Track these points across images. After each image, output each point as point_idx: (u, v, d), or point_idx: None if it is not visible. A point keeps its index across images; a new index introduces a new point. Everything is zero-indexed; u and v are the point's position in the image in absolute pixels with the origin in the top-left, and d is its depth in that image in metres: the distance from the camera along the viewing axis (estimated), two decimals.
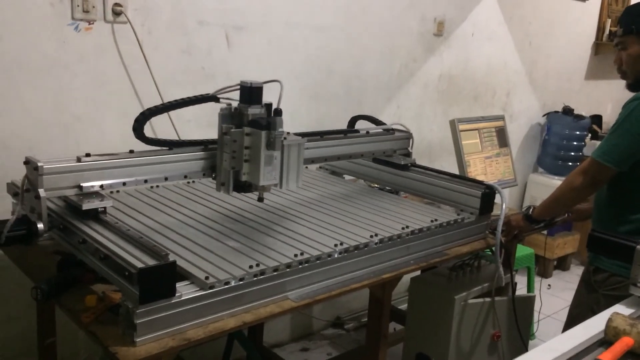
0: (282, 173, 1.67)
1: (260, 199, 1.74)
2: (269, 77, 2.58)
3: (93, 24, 2.09)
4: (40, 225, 1.49)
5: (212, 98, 1.72)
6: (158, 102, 2.25)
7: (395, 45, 3.16)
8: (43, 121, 2.06)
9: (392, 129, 2.37)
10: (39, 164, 1.49)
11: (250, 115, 1.64)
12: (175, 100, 1.73)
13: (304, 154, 1.75)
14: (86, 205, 1.55)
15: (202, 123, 2.41)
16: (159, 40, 2.26)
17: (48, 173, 1.50)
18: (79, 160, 1.57)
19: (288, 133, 1.69)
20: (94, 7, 2.07)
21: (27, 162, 1.53)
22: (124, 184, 1.64)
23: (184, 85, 2.36)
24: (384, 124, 2.41)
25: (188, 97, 1.73)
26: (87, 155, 1.60)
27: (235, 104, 1.68)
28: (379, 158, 2.38)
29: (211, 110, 1.75)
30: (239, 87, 1.67)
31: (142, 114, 1.66)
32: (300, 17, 2.69)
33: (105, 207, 1.61)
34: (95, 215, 1.59)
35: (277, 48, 2.64)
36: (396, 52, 3.18)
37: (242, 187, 1.69)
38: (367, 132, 2.27)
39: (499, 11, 3.73)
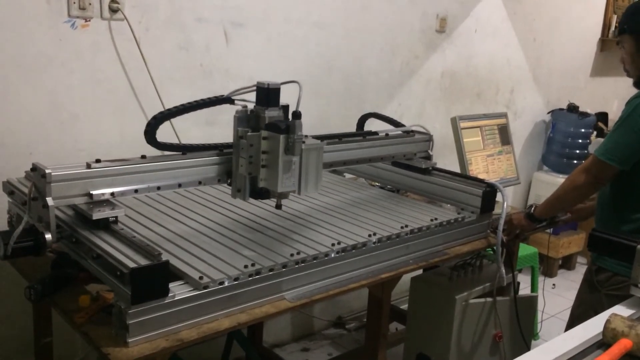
0: (301, 178, 1.58)
1: (278, 207, 1.65)
2: (268, 75, 2.59)
3: (89, 21, 2.07)
4: (48, 236, 1.41)
5: (227, 100, 1.64)
6: (156, 99, 2.25)
7: (397, 42, 3.13)
8: (39, 119, 2.05)
9: (412, 131, 2.30)
10: (47, 171, 1.40)
11: (267, 117, 1.56)
12: (189, 103, 1.65)
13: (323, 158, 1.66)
14: (96, 215, 1.47)
15: (200, 121, 2.39)
16: (157, 37, 2.24)
17: (57, 180, 1.41)
18: (88, 166, 1.48)
19: (306, 136, 1.61)
20: (90, 4, 2.05)
21: (34, 168, 1.45)
22: (136, 191, 1.55)
23: (182, 83, 2.34)
24: (403, 125, 2.33)
25: (202, 100, 1.66)
26: (97, 161, 1.52)
27: (251, 105, 1.60)
28: (399, 161, 2.30)
29: (210, 108, 1.72)
30: (254, 88, 1.59)
31: (153, 118, 1.58)
32: (299, 14, 2.67)
33: (117, 217, 1.53)
34: (106, 225, 1.52)
35: (276, 45, 2.62)
36: (397, 49, 3.15)
37: (259, 193, 1.60)
38: (387, 135, 2.19)
39: (502, 7, 3.70)
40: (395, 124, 2.34)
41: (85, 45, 2.09)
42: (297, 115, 1.54)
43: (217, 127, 2.48)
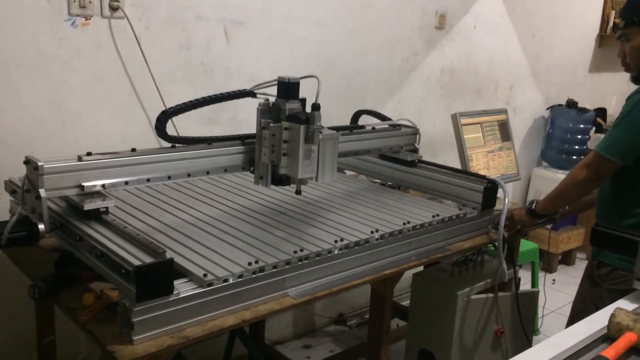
0: (318, 167, 1.70)
1: (298, 192, 1.79)
2: (268, 72, 2.60)
3: (90, 19, 2.07)
4: (41, 226, 1.46)
5: (250, 93, 1.75)
6: (157, 98, 2.25)
7: (396, 39, 3.13)
8: (41, 118, 2.05)
9: (398, 125, 2.34)
10: (39, 164, 1.44)
11: (288, 110, 1.67)
12: (215, 95, 1.73)
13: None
14: (88, 206, 1.52)
15: (202, 119, 2.39)
16: (157, 36, 2.24)
17: (49, 173, 1.46)
18: (80, 159, 1.53)
19: (323, 127, 1.71)
20: (90, 2, 2.05)
21: (27, 161, 1.50)
22: (126, 183, 1.60)
23: (183, 81, 2.34)
24: (390, 119, 2.37)
25: (227, 92, 1.75)
26: (89, 154, 1.56)
27: (272, 99, 1.71)
28: (386, 154, 2.34)
29: (212, 107, 1.73)
30: (275, 82, 1.70)
31: (163, 112, 1.64)
32: (299, 12, 2.67)
33: (107, 207, 1.57)
34: (97, 216, 1.56)
35: (276, 43, 2.62)
36: (397, 46, 3.15)
37: (280, 180, 1.72)
38: (373, 128, 2.23)
39: (501, 3, 3.70)
40: (382, 117, 2.38)
41: (86, 44, 2.09)
42: (316, 107, 1.66)
43: (218, 125, 2.48)
